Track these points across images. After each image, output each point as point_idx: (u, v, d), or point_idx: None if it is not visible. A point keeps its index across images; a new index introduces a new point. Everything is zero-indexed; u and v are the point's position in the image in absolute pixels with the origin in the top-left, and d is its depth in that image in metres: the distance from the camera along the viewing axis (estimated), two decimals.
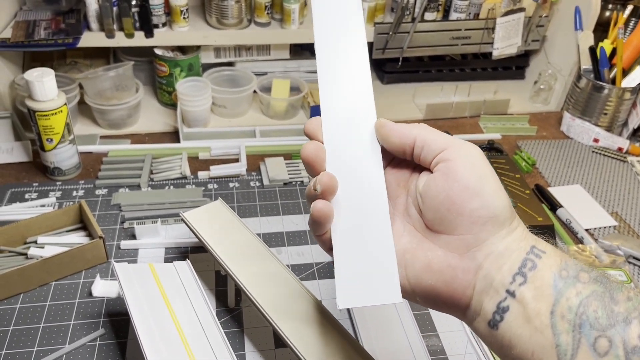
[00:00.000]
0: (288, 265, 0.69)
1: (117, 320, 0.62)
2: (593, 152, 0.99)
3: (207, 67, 1.03)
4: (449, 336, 0.63)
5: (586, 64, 1.02)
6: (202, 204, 0.68)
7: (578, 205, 0.84)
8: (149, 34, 0.93)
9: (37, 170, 0.84)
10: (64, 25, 0.92)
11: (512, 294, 0.31)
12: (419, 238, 0.36)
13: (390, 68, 1.11)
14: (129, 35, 0.92)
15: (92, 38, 0.91)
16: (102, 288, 0.65)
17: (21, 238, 0.70)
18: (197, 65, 1.00)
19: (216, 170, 0.85)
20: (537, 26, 1.09)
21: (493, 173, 0.34)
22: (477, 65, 1.17)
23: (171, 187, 0.83)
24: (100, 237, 0.67)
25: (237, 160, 0.90)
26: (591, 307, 0.30)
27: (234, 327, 0.62)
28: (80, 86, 0.92)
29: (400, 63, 1.08)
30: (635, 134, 1.03)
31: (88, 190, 0.81)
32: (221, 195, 0.82)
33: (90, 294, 0.65)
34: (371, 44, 1.04)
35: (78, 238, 0.71)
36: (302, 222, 0.78)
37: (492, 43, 1.08)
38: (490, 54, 1.10)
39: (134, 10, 0.90)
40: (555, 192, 0.87)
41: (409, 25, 1.02)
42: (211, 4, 0.95)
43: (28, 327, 0.61)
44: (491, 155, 0.94)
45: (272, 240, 0.75)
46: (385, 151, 0.38)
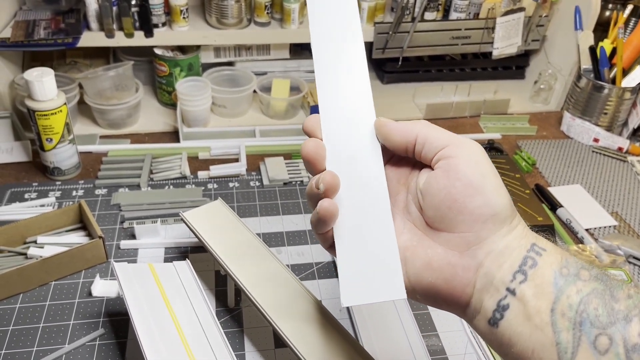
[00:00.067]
0: (288, 265, 0.69)
1: (116, 320, 0.62)
2: (593, 151, 0.99)
3: (207, 66, 1.02)
4: (449, 336, 0.63)
5: (586, 63, 1.02)
6: (202, 204, 0.68)
7: (578, 205, 0.84)
8: (148, 33, 0.93)
9: (36, 170, 0.84)
10: (64, 25, 0.92)
11: (512, 292, 0.31)
12: (419, 235, 0.35)
13: (390, 68, 1.11)
14: (129, 35, 0.92)
15: (91, 38, 0.91)
16: (101, 288, 0.65)
17: (21, 238, 0.70)
18: (196, 65, 1.00)
19: (216, 170, 0.85)
20: (537, 26, 1.09)
21: (494, 170, 0.34)
22: (477, 65, 1.17)
23: (171, 187, 0.83)
24: (99, 237, 0.67)
25: (237, 160, 0.89)
26: (592, 304, 0.30)
27: (234, 327, 0.62)
28: (80, 86, 0.92)
29: (400, 63, 1.08)
30: (636, 134, 1.03)
31: (88, 190, 0.81)
32: (221, 195, 0.81)
33: (89, 294, 0.65)
34: (371, 43, 1.04)
35: (78, 238, 0.71)
36: (302, 222, 0.78)
37: (492, 43, 1.08)
38: (490, 53, 1.10)
39: (133, 10, 0.90)
40: (556, 191, 0.87)
41: (409, 25, 1.02)
42: (211, 3, 0.95)
43: (28, 327, 0.60)
44: (491, 155, 0.93)
45: (272, 240, 0.75)
46: (385, 148, 0.38)
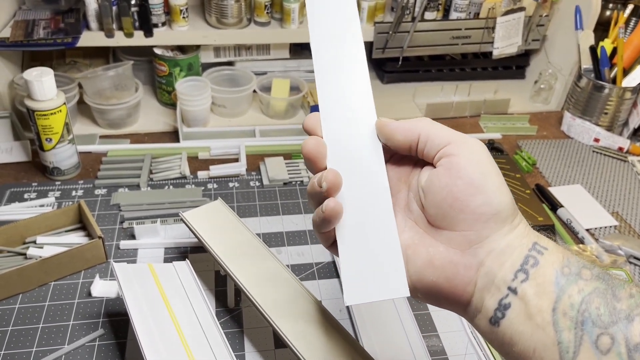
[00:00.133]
0: (288, 265, 0.69)
1: (116, 321, 0.62)
2: (593, 151, 0.99)
3: (206, 66, 1.02)
4: (450, 336, 0.63)
5: (587, 63, 1.02)
6: (202, 204, 0.68)
7: (579, 205, 0.84)
8: (148, 33, 0.93)
9: (36, 170, 0.84)
10: (63, 24, 0.92)
11: (513, 291, 0.31)
12: (421, 234, 0.35)
13: (390, 67, 1.11)
14: (129, 35, 0.92)
15: (91, 37, 0.91)
16: (101, 288, 0.65)
17: (20, 238, 0.69)
18: (196, 65, 1.00)
19: (216, 170, 0.85)
20: (537, 25, 1.09)
21: (496, 169, 0.34)
22: (478, 65, 1.17)
23: (171, 187, 0.83)
24: (99, 237, 0.67)
25: (236, 160, 0.89)
26: (593, 304, 0.30)
27: (234, 327, 0.62)
28: (80, 86, 0.92)
29: (400, 62, 1.07)
30: (636, 134, 1.03)
31: (87, 190, 0.81)
32: (221, 195, 0.81)
33: (89, 294, 0.65)
34: (371, 43, 1.04)
35: (77, 238, 0.71)
36: (302, 222, 0.78)
37: (492, 42, 1.08)
38: (491, 53, 1.10)
39: (133, 9, 0.90)
40: (556, 191, 0.87)
41: (409, 24, 1.02)
42: (211, 3, 0.95)
43: (27, 328, 0.60)
44: (491, 155, 0.94)
45: (272, 240, 0.75)
46: (386, 147, 0.37)
